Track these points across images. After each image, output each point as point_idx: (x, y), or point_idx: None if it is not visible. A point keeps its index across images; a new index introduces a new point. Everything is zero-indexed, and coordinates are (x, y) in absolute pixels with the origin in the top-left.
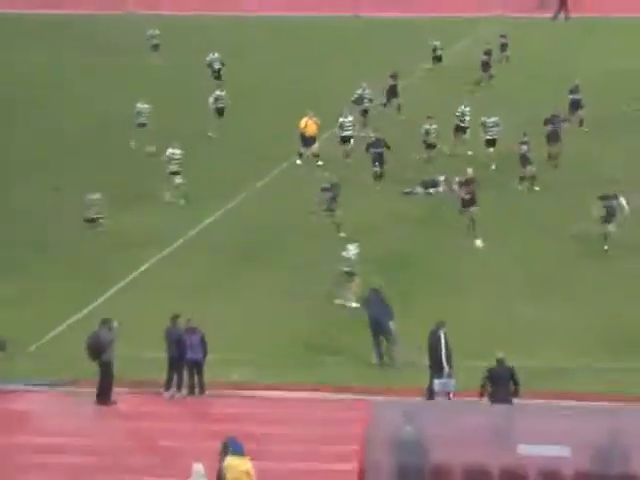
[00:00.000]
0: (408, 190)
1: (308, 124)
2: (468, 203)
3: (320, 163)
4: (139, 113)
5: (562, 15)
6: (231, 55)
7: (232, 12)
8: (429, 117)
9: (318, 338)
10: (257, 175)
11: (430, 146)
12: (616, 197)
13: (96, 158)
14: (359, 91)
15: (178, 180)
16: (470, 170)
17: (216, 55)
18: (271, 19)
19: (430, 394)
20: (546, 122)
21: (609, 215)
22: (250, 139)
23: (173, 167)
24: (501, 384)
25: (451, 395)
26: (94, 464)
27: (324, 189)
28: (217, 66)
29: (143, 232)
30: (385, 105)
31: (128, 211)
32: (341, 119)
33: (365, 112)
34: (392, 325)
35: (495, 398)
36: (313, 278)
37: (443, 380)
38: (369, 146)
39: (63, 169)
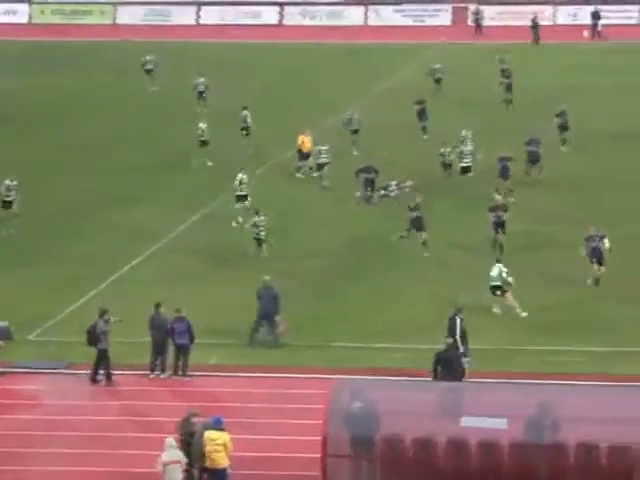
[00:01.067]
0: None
1: (304, 141)
2: (496, 228)
3: (316, 174)
4: (201, 131)
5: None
6: (216, 76)
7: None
8: (443, 142)
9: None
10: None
11: (447, 166)
12: (602, 238)
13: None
14: (349, 113)
15: (246, 203)
16: (499, 197)
17: (202, 79)
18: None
19: None
20: (526, 144)
21: (595, 255)
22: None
23: (241, 191)
24: (450, 366)
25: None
26: (88, 437)
27: (411, 209)
28: (201, 88)
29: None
30: (424, 130)
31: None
32: (317, 147)
33: (356, 131)
34: (278, 318)
35: (445, 379)
36: (288, 274)
37: None
38: (359, 171)
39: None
